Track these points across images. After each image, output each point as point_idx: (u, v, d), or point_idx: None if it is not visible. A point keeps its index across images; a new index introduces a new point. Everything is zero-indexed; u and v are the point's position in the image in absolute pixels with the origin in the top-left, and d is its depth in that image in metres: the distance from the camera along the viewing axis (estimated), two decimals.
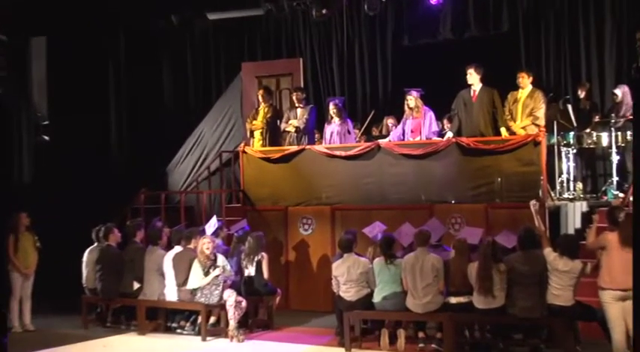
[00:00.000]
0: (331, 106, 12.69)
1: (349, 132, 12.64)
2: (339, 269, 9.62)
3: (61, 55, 15.98)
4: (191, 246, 10.79)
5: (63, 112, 16.21)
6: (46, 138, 15.78)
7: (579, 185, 12.36)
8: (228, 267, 10.53)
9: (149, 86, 17.20)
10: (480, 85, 11.56)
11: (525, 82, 11.56)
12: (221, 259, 10.46)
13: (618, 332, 7.99)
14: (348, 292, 9.57)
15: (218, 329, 10.48)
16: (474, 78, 11.54)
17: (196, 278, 10.32)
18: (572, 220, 11.21)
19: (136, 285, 11.04)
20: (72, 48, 16.18)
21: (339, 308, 9.73)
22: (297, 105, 13.15)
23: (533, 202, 9.23)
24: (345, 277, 9.55)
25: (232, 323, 10.14)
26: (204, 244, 10.35)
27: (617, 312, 7.98)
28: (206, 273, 10.28)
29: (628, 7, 13.45)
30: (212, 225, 11.33)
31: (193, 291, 10.35)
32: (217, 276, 10.25)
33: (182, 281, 10.51)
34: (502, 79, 12.12)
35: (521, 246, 8.87)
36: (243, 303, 10.36)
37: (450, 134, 11.71)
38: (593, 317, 8.60)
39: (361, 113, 15.44)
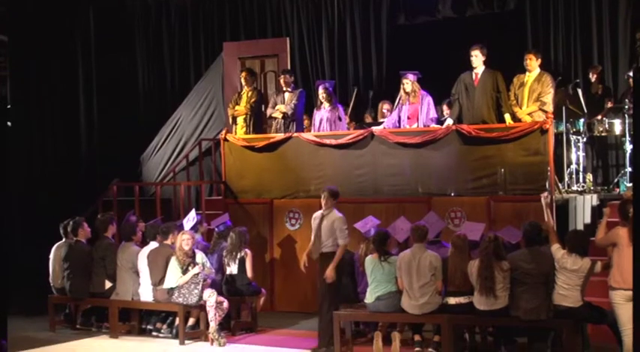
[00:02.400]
0: (321, 90, 12.72)
1: (340, 119, 12.68)
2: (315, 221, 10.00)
3: (23, 33, 15.96)
4: (168, 241, 10.85)
5: (27, 96, 16.21)
6: (8, 123, 15.81)
7: (589, 176, 12.43)
8: (208, 265, 10.61)
9: (122, 68, 17.22)
10: (483, 67, 11.60)
11: (533, 64, 11.54)
12: (200, 256, 10.54)
13: (630, 335, 8.08)
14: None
15: (197, 332, 10.55)
16: (479, 60, 11.58)
17: (174, 276, 10.39)
18: (582, 215, 11.30)
19: (108, 284, 11.11)
20: (36, 26, 16.18)
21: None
22: (284, 89, 13.16)
23: (544, 195, 9.33)
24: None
25: (213, 326, 10.21)
26: (183, 240, 10.42)
27: (628, 314, 8.04)
28: (184, 271, 10.34)
29: None
30: (191, 219, 11.40)
31: (170, 291, 10.42)
32: (196, 275, 10.32)
33: (158, 280, 10.58)
34: (507, 61, 12.20)
35: (527, 243, 8.96)
36: (225, 304, 10.44)
37: (449, 121, 11.76)
38: (603, 320, 8.69)
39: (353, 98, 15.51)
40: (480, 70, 11.58)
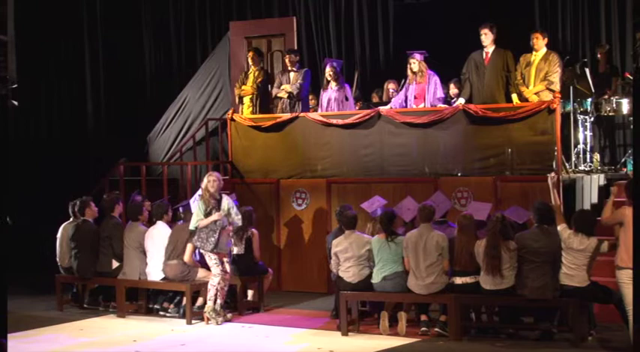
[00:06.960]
0: (328, 69, 12.66)
1: (347, 99, 12.65)
2: (341, 245, 9.67)
3: (30, 13, 15.93)
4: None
5: (34, 75, 16.21)
6: (15, 103, 15.78)
7: (597, 156, 12.41)
8: (235, 210, 10.39)
9: (128, 48, 17.19)
10: (493, 46, 11.57)
11: (540, 43, 11.50)
12: (226, 201, 10.34)
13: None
14: (348, 271, 9.62)
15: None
16: (489, 39, 11.54)
17: (195, 218, 10.27)
18: (589, 194, 11.29)
19: (115, 264, 11.13)
20: (43, 4, 16.15)
21: (339, 288, 9.79)
22: (290, 68, 13.14)
23: (551, 175, 9.33)
24: (347, 254, 9.61)
25: (210, 305, 10.20)
26: (209, 181, 10.23)
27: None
28: (207, 214, 10.24)
29: None
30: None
31: (192, 233, 10.28)
32: (215, 222, 10.16)
33: (170, 254, 10.60)
34: (514, 40, 12.13)
35: (538, 221, 8.94)
36: (227, 282, 10.40)
37: (462, 100, 11.72)
38: (610, 299, 8.71)
39: (360, 77, 15.46)
40: (491, 49, 11.55)
